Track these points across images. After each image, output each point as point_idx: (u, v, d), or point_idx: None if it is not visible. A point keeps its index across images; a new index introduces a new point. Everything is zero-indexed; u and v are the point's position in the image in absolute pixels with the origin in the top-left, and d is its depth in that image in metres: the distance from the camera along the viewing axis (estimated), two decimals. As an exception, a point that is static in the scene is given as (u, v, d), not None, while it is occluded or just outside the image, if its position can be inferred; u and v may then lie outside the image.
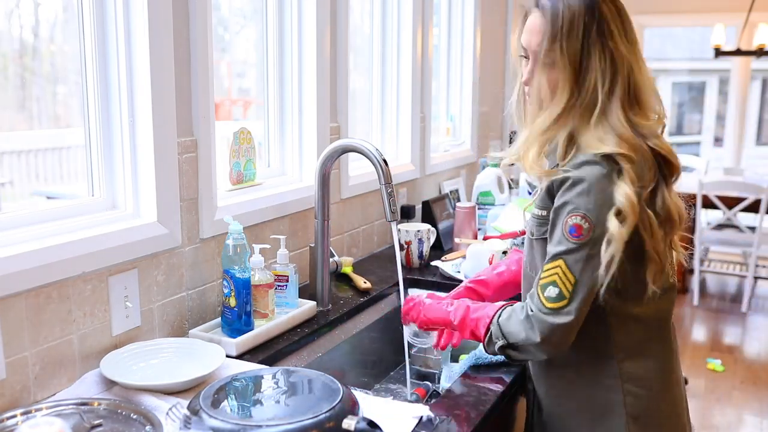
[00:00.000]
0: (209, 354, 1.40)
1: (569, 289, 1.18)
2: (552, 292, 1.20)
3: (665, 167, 1.23)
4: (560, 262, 1.19)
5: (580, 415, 1.32)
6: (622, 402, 1.27)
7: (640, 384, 1.27)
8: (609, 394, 1.28)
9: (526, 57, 1.29)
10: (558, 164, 1.25)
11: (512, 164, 1.39)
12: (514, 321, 1.26)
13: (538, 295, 1.22)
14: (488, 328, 1.31)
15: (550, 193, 1.24)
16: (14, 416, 1.15)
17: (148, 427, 1.12)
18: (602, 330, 1.26)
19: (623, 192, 1.15)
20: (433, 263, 2.19)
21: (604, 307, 1.24)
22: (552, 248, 1.22)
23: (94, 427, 1.12)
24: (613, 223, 1.15)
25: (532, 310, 1.23)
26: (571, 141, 1.24)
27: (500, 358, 1.48)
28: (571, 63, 1.21)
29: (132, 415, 1.17)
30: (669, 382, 1.31)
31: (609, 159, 1.18)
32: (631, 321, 1.26)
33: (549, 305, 1.20)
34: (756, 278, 5.26)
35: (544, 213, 1.26)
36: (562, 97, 1.23)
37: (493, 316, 1.32)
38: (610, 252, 1.16)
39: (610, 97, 1.21)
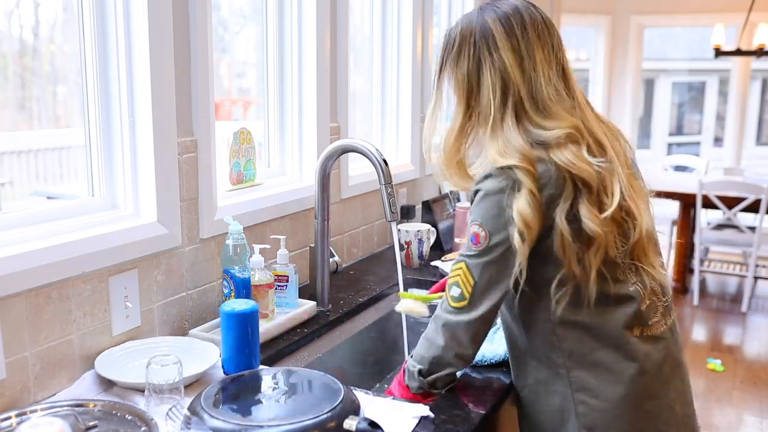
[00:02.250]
0: (205, 352, 1.41)
1: (469, 291, 1.23)
2: (455, 291, 1.25)
3: (577, 181, 1.19)
4: (462, 264, 1.24)
5: (543, 424, 1.31)
6: (574, 411, 1.25)
7: (592, 394, 1.23)
8: (563, 403, 1.26)
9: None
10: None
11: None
12: (422, 341, 1.31)
13: (446, 294, 1.27)
14: (404, 369, 1.33)
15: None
16: (9, 418, 1.15)
17: (143, 428, 1.12)
18: (551, 338, 1.26)
19: (517, 207, 1.17)
20: (433, 263, 2.19)
21: (548, 315, 1.24)
22: (461, 252, 1.27)
23: (89, 428, 1.12)
24: (515, 237, 1.17)
25: (437, 312, 1.29)
26: (485, 157, 1.27)
27: (499, 358, 1.48)
28: (464, 80, 1.27)
29: (127, 416, 1.16)
30: (635, 395, 1.23)
31: (506, 171, 1.19)
32: (577, 328, 1.23)
33: (453, 304, 1.25)
34: (756, 278, 5.26)
35: None
36: (458, 115, 1.29)
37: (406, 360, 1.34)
38: (516, 262, 1.19)
39: (503, 111, 1.23)
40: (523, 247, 1.17)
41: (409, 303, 1.50)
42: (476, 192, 1.24)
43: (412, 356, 1.33)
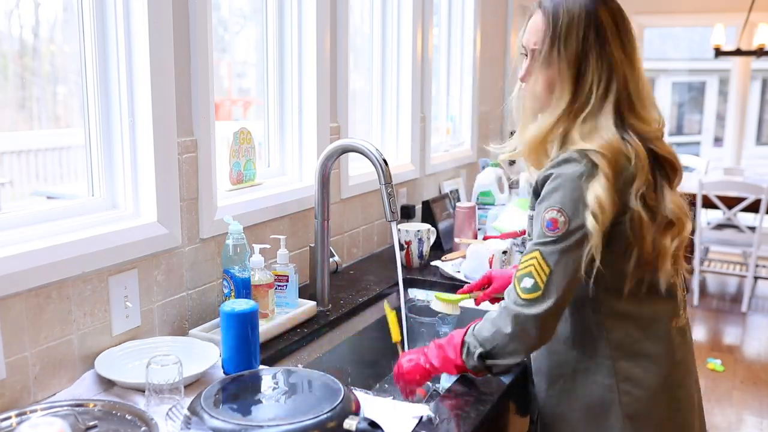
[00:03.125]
0: (205, 352, 1.41)
1: (543, 280, 1.20)
2: (527, 283, 1.22)
3: (667, 169, 1.27)
4: (536, 253, 1.22)
5: (579, 414, 1.33)
6: (618, 401, 1.27)
7: (636, 384, 1.27)
8: (605, 393, 1.29)
9: (525, 55, 1.33)
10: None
11: (512, 161, 1.42)
12: (486, 323, 1.29)
13: (515, 286, 1.25)
14: (463, 342, 1.32)
15: (536, 192, 1.28)
16: (9, 417, 1.15)
17: (143, 428, 1.12)
18: (597, 328, 1.28)
19: (593, 192, 1.18)
20: (433, 263, 2.19)
21: (599, 306, 1.26)
22: (531, 241, 1.26)
23: (89, 428, 1.12)
24: (589, 220, 1.18)
25: (505, 303, 1.26)
26: (564, 140, 1.28)
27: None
28: (569, 65, 1.25)
29: (127, 416, 1.16)
30: (669, 384, 1.29)
31: (587, 156, 1.20)
32: (625, 320, 1.27)
33: (524, 296, 1.22)
34: (756, 278, 5.26)
35: (533, 213, 1.29)
36: (563, 99, 1.26)
37: (467, 329, 1.34)
38: (588, 248, 1.19)
39: (603, 101, 1.25)
40: (597, 232, 1.17)
41: (440, 305, 1.63)
42: (549, 176, 1.23)
43: (473, 331, 1.31)
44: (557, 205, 1.20)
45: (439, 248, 2.44)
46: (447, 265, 2.14)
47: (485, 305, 1.64)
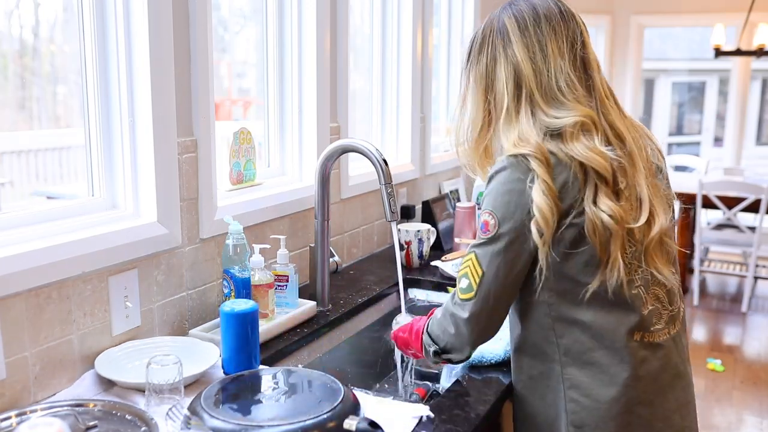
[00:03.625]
0: (205, 352, 1.41)
1: (477, 281, 1.24)
2: (464, 283, 1.26)
3: (592, 172, 1.19)
4: (472, 255, 1.25)
5: (537, 419, 1.32)
6: (564, 408, 1.25)
7: (584, 393, 1.23)
8: (555, 399, 1.27)
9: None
10: None
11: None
12: (435, 321, 1.35)
13: (456, 287, 1.29)
14: (421, 340, 1.38)
15: None
16: (9, 417, 1.15)
17: (143, 428, 1.12)
18: (548, 333, 1.26)
19: (535, 199, 1.17)
20: (433, 263, 2.19)
21: (549, 310, 1.24)
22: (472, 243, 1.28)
23: (89, 428, 1.12)
24: (533, 230, 1.18)
25: (446, 302, 1.31)
26: (501, 150, 1.29)
27: (499, 358, 1.48)
28: (479, 78, 1.32)
29: (127, 416, 1.16)
30: (627, 399, 1.22)
31: (520, 160, 1.20)
32: (576, 326, 1.23)
33: (461, 296, 1.27)
34: (756, 278, 5.26)
35: None
36: (478, 108, 1.33)
37: (424, 326, 1.39)
38: (525, 251, 1.21)
39: (516, 103, 1.26)
40: (542, 240, 1.17)
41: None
42: (489, 180, 1.25)
43: (427, 328, 1.36)
44: (489, 208, 1.22)
45: (439, 248, 2.44)
46: (447, 265, 2.14)
47: None
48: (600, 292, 1.20)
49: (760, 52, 5.12)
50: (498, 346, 1.51)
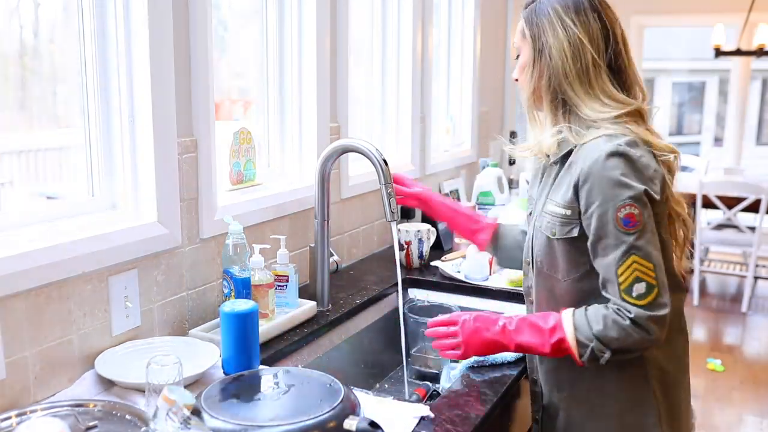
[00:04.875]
0: (205, 352, 1.41)
1: (653, 277, 1.21)
2: (640, 288, 1.21)
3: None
4: (632, 257, 1.21)
5: (608, 408, 1.34)
6: (651, 389, 1.31)
7: (664, 370, 1.33)
8: (638, 383, 1.32)
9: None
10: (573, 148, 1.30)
11: (512, 161, 1.47)
12: (616, 329, 1.22)
13: (625, 299, 1.21)
14: (579, 343, 1.26)
15: (576, 190, 1.26)
16: (9, 417, 1.14)
17: (143, 428, 1.12)
18: None
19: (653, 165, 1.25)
20: (433, 263, 2.19)
21: None
22: (619, 248, 1.22)
23: (89, 428, 1.12)
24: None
25: (630, 314, 1.21)
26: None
27: (499, 358, 1.48)
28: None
29: (127, 416, 1.16)
30: (686, 367, 1.38)
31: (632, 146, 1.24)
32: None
33: (643, 302, 1.21)
34: (756, 278, 5.26)
35: (569, 213, 1.28)
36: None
37: (564, 326, 1.27)
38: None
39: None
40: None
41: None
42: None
43: (593, 332, 1.24)
44: (628, 200, 1.20)
45: (439, 248, 2.44)
46: (447, 265, 2.14)
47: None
48: (673, 276, 1.29)
49: (760, 52, 5.12)
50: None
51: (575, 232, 1.27)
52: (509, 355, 1.49)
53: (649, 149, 1.25)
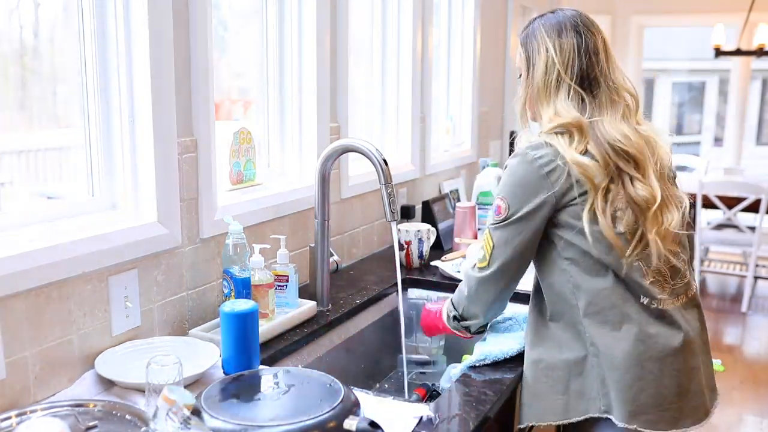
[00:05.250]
0: (205, 352, 1.41)
1: (489, 252, 1.44)
2: (480, 254, 1.46)
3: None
4: (487, 231, 1.45)
5: (558, 372, 1.40)
6: (591, 365, 1.37)
7: (601, 348, 1.36)
8: (580, 357, 1.38)
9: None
10: None
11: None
12: (457, 291, 1.55)
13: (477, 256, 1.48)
14: (447, 316, 1.58)
15: None
16: (9, 417, 1.14)
17: (143, 428, 1.12)
18: (569, 297, 1.39)
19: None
20: (433, 263, 2.19)
21: (569, 278, 1.39)
22: None
23: (89, 428, 1.12)
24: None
25: (466, 268, 1.51)
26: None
27: (500, 356, 1.48)
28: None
29: (127, 416, 1.16)
30: (636, 356, 1.36)
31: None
32: (592, 292, 1.37)
33: (478, 264, 1.46)
34: (756, 278, 5.26)
35: None
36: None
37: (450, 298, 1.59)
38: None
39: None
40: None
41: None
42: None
43: (451, 297, 1.57)
44: (501, 193, 1.42)
45: (439, 248, 2.44)
46: (447, 265, 2.14)
47: None
48: (606, 263, 1.36)
49: (760, 52, 5.13)
50: (503, 345, 1.52)
51: None
52: (511, 351, 1.50)
53: (558, 154, 1.35)
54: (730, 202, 4.75)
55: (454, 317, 1.55)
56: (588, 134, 1.37)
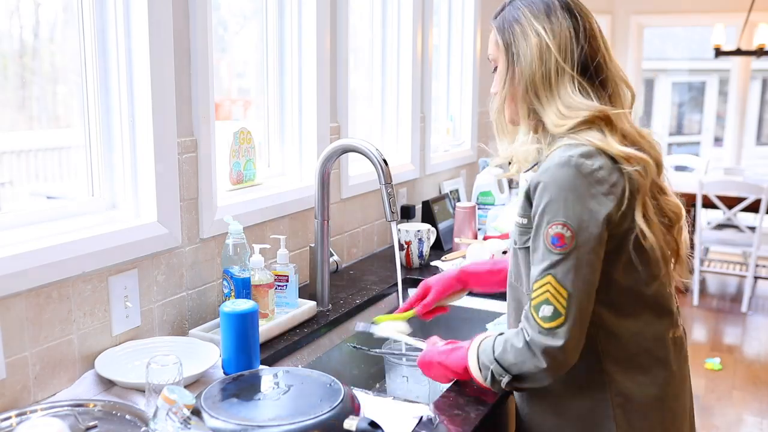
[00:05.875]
0: (205, 352, 1.41)
1: (564, 305, 1.13)
2: (547, 311, 1.14)
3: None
4: (549, 278, 1.14)
5: (569, 429, 1.28)
6: (612, 417, 1.22)
7: (630, 398, 1.22)
8: (598, 409, 1.23)
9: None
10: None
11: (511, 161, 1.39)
12: (513, 352, 1.19)
13: (533, 315, 1.16)
14: (483, 367, 1.25)
15: (528, 197, 1.21)
16: (9, 417, 1.14)
17: (143, 428, 1.12)
18: (592, 343, 1.21)
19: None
20: (433, 263, 2.19)
21: (595, 320, 1.19)
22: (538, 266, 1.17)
23: (89, 428, 1.12)
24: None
25: (528, 336, 1.16)
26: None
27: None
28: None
29: (127, 416, 1.16)
30: (664, 397, 1.25)
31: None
32: (621, 335, 1.22)
33: (546, 326, 1.14)
34: (756, 278, 5.26)
35: (524, 221, 1.23)
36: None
37: (474, 347, 1.27)
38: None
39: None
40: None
41: (385, 329, 1.52)
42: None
43: (494, 355, 1.21)
44: (560, 219, 1.13)
45: (439, 248, 2.44)
46: (447, 265, 2.14)
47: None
48: (647, 299, 1.21)
49: (760, 52, 5.13)
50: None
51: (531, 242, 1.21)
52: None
53: (611, 160, 1.14)
54: (730, 202, 4.75)
55: (509, 382, 1.21)
56: (617, 127, 1.18)
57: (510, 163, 1.38)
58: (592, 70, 1.21)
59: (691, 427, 1.35)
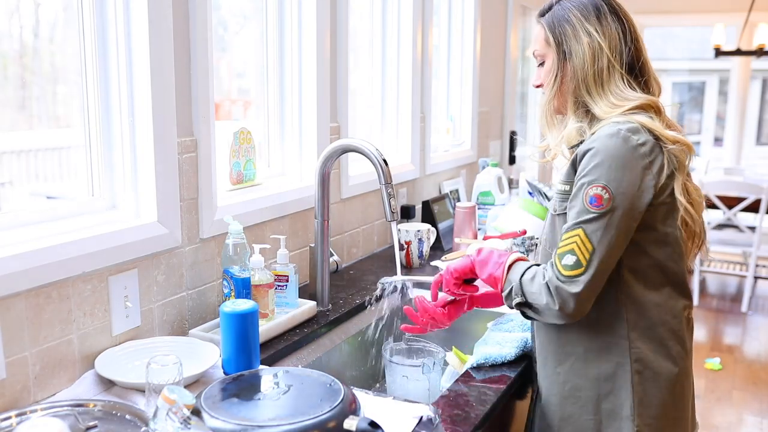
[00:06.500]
0: (205, 352, 1.41)
1: (586, 258, 1.23)
2: (569, 260, 1.24)
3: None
4: (579, 231, 1.24)
5: (588, 393, 1.34)
6: (630, 382, 1.30)
7: (648, 366, 1.30)
8: (618, 372, 1.31)
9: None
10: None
11: (513, 160, 1.46)
12: (536, 284, 1.29)
13: (556, 263, 1.26)
14: (507, 281, 1.34)
15: (574, 165, 1.32)
16: (9, 417, 1.14)
17: (143, 428, 1.12)
18: (618, 309, 1.30)
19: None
20: (433, 263, 2.19)
21: (625, 288, 1.29)
22: (573, 219, 1.27)
23: (89, 428, 1.12)
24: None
25: (548, 277, 1.27)
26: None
27: (501, 358, 1.48)
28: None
29: (127, 416, 1.16)
30: (680, 373, 1.33)
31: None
32: (646, 305, 1.30)
33: (566, 273, 1.24)
34: (756, 278, 5.26)
35: (567, 188, 1.32)
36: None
37: (510, 264, 1.35)
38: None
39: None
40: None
41: (455, 359, 1.57)
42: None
43: (521, 276, 1.31)
44: (601, 182, 1.22)
45: (439, 248, 2.44)
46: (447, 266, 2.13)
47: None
48: (673, 275, 1.31)
49: (760, 52, 5.13)
50: (504, 348, 1.51)
51: None
52: (509, 355, 1.49)
53: (655, 139, 1.25)
54: (730, 202, 4.75)
55: (519, 303, 1.32)
56: (665, 116, 1.30)
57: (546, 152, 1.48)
58: (638, 69, 1.32)
59: (692, 410, 1.42)
